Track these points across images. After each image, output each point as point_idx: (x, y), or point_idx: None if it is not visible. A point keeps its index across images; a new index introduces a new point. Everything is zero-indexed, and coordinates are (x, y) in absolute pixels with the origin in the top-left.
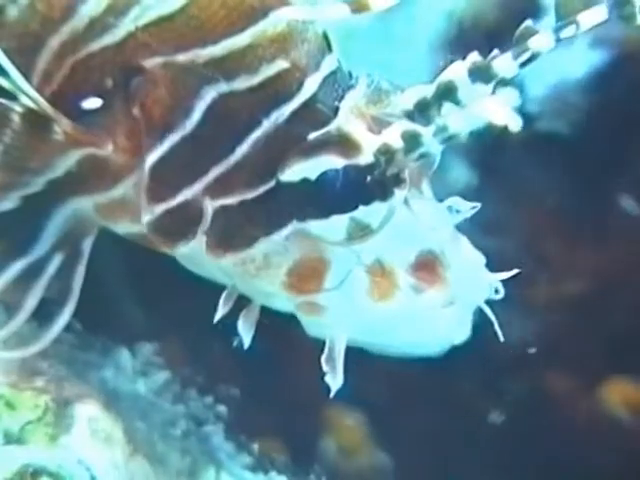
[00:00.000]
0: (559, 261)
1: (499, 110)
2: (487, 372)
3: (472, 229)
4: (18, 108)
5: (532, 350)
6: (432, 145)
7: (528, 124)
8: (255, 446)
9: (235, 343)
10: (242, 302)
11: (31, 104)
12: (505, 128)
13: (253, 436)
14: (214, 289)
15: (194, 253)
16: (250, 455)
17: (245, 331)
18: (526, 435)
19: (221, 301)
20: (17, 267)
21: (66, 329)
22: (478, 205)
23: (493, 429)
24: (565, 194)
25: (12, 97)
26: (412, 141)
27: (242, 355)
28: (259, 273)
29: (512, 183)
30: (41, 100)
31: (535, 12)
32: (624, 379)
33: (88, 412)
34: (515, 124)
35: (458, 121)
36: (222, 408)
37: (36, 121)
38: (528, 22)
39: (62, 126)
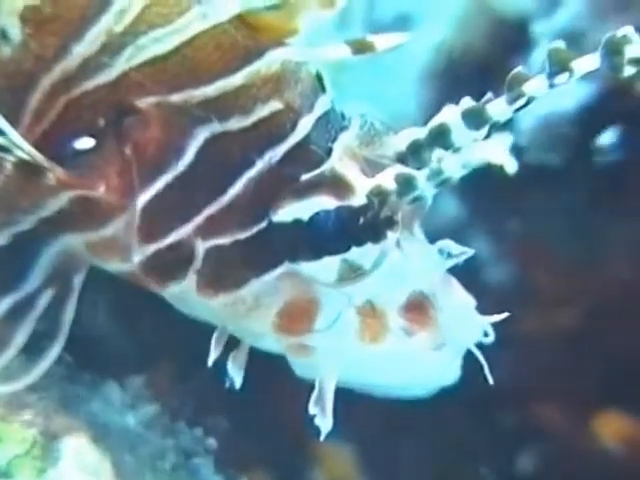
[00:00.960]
0: (550, 293)
1: (497, 151)
2: (478, 405)
3: (462, 262)
4: (11, 158)
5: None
6: (426, 188)
7: (517, 156)
8: (244, 479)
9: (227, 385)
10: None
11: (25, 156)
12: (501, 167)
13: (242, 469)
14: (202, 321)
15: (184, 293)
16: None
17: (235, 372)
18: (519, 469)
19: (212, 343)
20: (7, 302)
21: (56, 362)
22: (470, 251)
23: (483, 462)
24: (555, 225)
25: (4, 148)
26: (406, 184)
27: (232, 387)
28: (249, 314)
29: (501, 215)
30: (37, 154)
31: (524, 44)
32: (617, 412)
33: (76, 445)
34: (512, 166)
35: (452, 164)
36: (211, 441)
37: (29, 169)
38: (520, 68)
39: (56, 175)
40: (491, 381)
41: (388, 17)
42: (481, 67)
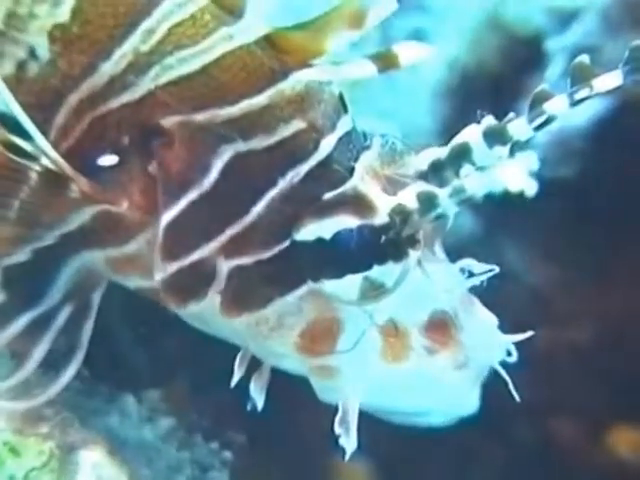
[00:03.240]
0: (563, 308)
1: (516, 176)
2: (493, 420)
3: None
4: (37, 167)
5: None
6: (448, 207)
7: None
8: None
9: (249, 407)
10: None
11: (51, 165)
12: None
13: None
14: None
15: (204, 312)
16: None
17: (257, 394)
18: None
19: (236, 364)
20: (27, 317)
21: (73, 375)
22: (494, 268)
23: (500, 477)
24: (569, 240)
25: (30, 156)
26: (428, 202)
27: (248, 401)
28: (272, 334)
29: (516, 230)
30: (62, 162)
31: (537, 61)
32: (630, 425)
33: (93, 458)
34: (531, 189)
35: (475, 183)
36: (227, 454)
37: (53, 179)
38: (543, 85)
39: (80, 185)
40: (517, 398)
41: (402, 34)
42: (495, 84)
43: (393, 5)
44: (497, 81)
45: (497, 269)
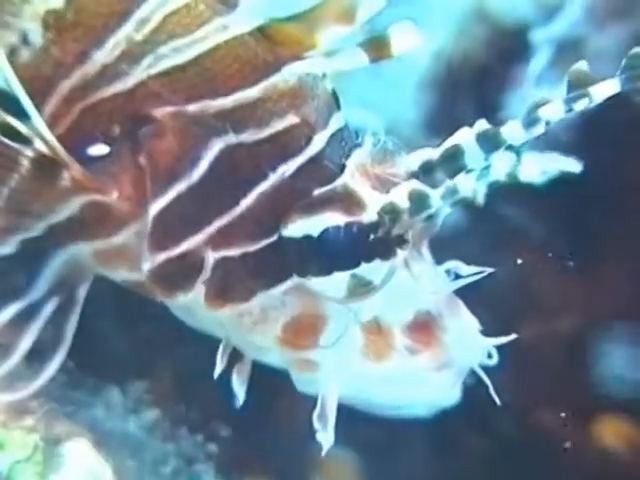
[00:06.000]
0: (549, 298)
1: (560, 159)
2: (477, 410)
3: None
4: (29, 152)
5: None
6: (440, 208)
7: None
8: None
9: (236, 404)
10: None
11: (44, 149)
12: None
13: (243, 475)
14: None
15: (191, 304)
16: None
17: (239, 386)
18: (519, 474)
19: (218, 355)
20: (12, 309)
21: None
22: (484, 270)
23: (484, 468)
24: (554, 230)
25: (22, 141)
26: (419, 202)
27: (232, 394)
28: (255, 327)
29: (501, 220)
30: (57, 144)
31: (522, 52)
32: (615, 415)
33: (78, 451)
34: (577, 166)
35: (467, 184)
36: (212, 447)
37: (45, 166)
38: (541, 95)
39: (72, 172)
40: (498, 402)
41: (388, 25)
42: (480, 74)
43: (382, 2)
44: (482, 72)
45: (484, 271)
